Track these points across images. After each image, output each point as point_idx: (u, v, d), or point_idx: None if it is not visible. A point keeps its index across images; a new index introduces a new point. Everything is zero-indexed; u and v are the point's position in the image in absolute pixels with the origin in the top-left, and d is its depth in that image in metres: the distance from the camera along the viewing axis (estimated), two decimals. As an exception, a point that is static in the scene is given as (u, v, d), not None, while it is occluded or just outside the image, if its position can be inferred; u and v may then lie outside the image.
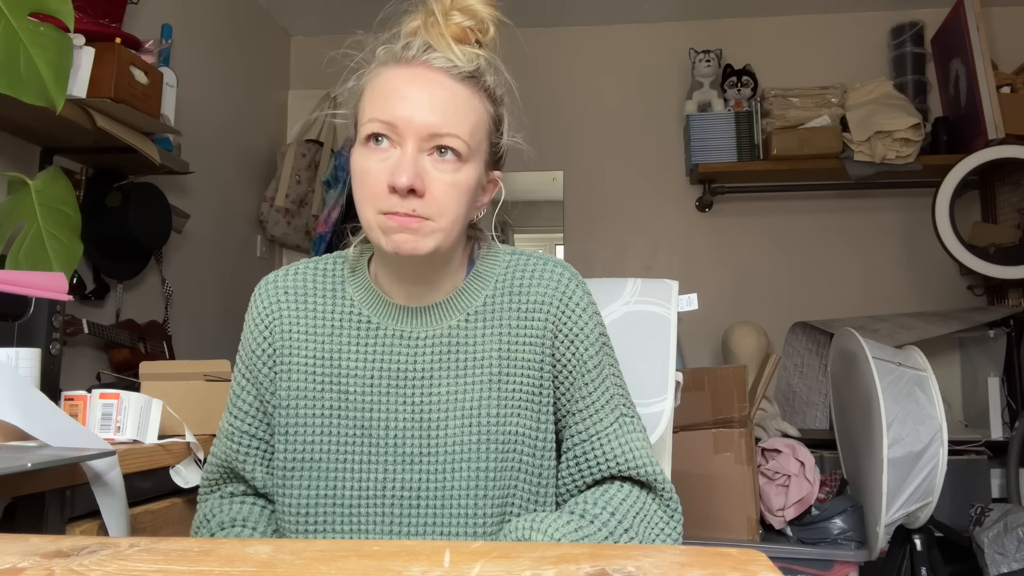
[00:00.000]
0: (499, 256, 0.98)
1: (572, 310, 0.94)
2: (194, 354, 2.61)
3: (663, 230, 3.36)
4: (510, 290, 0.94)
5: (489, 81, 0.91)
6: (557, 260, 0.98)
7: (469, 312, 0.94)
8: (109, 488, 1.07)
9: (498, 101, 0.92)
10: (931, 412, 1.96)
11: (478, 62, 0.89)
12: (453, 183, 0.86)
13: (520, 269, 0.96)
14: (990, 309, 2.91)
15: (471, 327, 0.93)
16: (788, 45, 3.35)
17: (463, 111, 0.87)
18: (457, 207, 0.87)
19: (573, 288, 0.95)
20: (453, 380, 0.92)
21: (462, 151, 0.86)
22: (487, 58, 0.90)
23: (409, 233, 0.85)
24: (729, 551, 0.54)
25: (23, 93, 1.50)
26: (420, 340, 0.93)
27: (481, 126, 0.89)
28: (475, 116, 0.88)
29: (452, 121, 0.85)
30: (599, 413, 0.94)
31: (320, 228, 3.17)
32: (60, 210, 1.74)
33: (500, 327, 0.93)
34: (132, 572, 0.50)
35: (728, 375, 2.08)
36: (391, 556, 0.53)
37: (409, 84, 0.86)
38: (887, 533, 1.98)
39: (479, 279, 0.96)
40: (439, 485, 0.89)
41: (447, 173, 0.85)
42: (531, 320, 0.93)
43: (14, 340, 1.33)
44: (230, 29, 3.01)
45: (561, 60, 3.44)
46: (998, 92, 2.83)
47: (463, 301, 0.94)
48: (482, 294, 0.95)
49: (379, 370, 0.93)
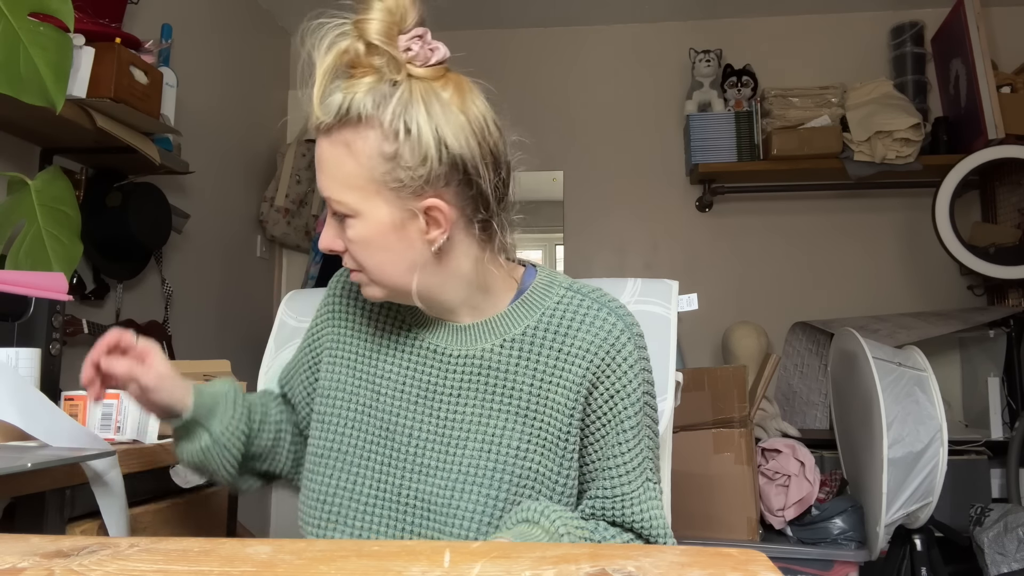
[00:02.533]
0: (553, 288, 0.95)
1: (618, 365, 0.89)
2: (194, 354, 2.61)
3: (663, 230, 3.35)
4: (556, 327, 0.91)
5: (360, 112, 0.82)
6: (614, 306, 0.93)
7: (506, 338, 0.92)
8: (109, 488, 1.07)
9: (383, 123, 0.82)
10: (931, 412, 1.96)
11: (343, 101, 0.82)
12: (353, 240, 0.87)
13: (573, 309, 0.92)
14: (990, 309, 2.91)
15: (506, 354, 0.92)
16: (788, 45, 3.35)
17: (333, 169, 0.86)
18: (370, 256, 0.88)
19: (624, 342, 0.90)
20: (480, 403, 0.91)
21: (345, 210, 0.86)
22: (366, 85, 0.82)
23: (362, 286, 0.92)
24: (729, 551, 0.54)
25: (23, 93, 1.50)
26: (453, 358, 0.93)
27: (354, 173, 0.83)
28: (344, 168, 0.84)
29: (324, 185, 0.87)
30: (628, 476, 0.90)
31: (320, 228, 3.17)
32: (60, 210, 1.74)
33: (538, 362, 0.91)
34: (132, 572, 0.50)
35: (728, 375, 2.08)
36: (391, 556, 0.53)
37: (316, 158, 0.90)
38: (887, 533, 1.98)
39: (524, 307, 0.94)
40: (450, 502, 0.89)
41: (348, 231, 0.87)
42: (571, 364, 0.89)
43: (14, 340, 1.33)
44: (230, 29, 3.01)
45: (561, 60, 3.44)
46: (998, 92, 2.83)
47: (502, 326, 0.93)
48: (523, 323, 0.93)
49: (411, 379, 0.95)
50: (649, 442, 0.93)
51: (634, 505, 0.90)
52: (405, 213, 0.85)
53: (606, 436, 0.90)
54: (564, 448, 0.90)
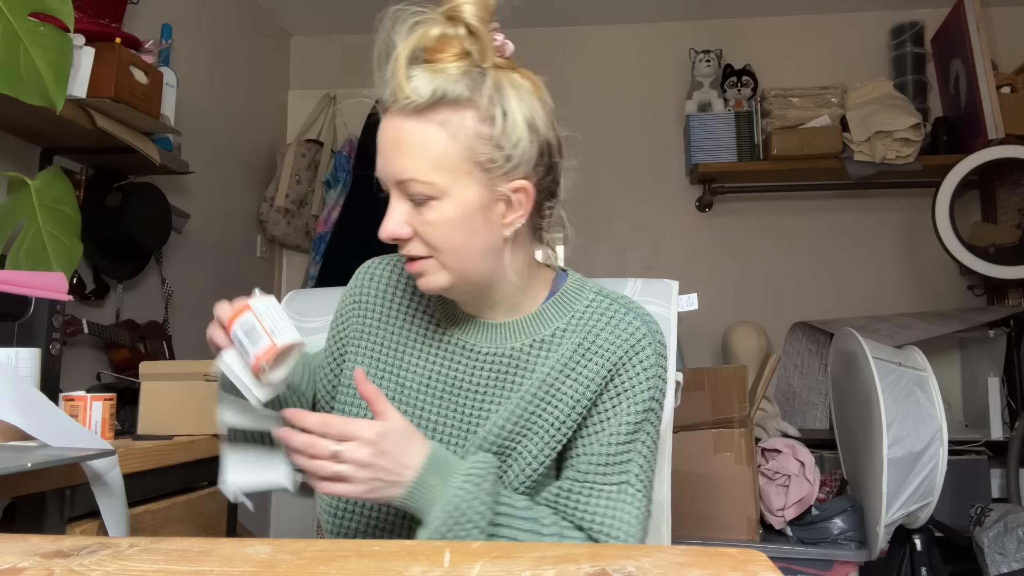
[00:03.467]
0: (584, 292, 0.96)
1: (634, 366, 0.90)
2: (194, 354, 2.60)
3: (663, 230, 3.35)
4: (584, 329, 0.92)
5: (457, 95, 0.84)
6: (641, 312, 0.94)
7: (536, 338, 0.93)
8: (109, 488, 1.07)
9: (479, 106, 0.84)
10: (931, 412, 1.96)
11: (434, 85, 0.83)
12: (432, 222, 0.86)
13: (601, 312, 0.93)
14: (990, 309, 2.91)
15: (534, 354, 0.93)
16: (788, 45, 3.35)
17: (420, 150, 0.84)
18: (450, 239, 0.86)
19: (644, 345, 0.91)
20: (503, 401, 0.92)
21: (429, 191, 0.85)
22: (453, 75, 0.84)
23: (419, 276, 0.89)
24: (729, 551, 0.54)
25: (23, 93, 1.50)
26: (482, 355, 0.94)
27: (450, 152, 0.84)
28: (437, 147, 0.84)
29: (408, 165, 0.85)
30: (607, 468, 0.89)
31: (320, 228, 3.17)
32: (60, 210, 1.74)
33: (560, 358, 0.91)
34: (132, 572, 0.50)
35: (728, 375, 2.08)
36: (391, 556, 0.53)
37: (382, 137, 0.88)
38: (887, 533, 1.98)
39: (555, 309, 0.95)
40: None
41: (428, 212, 0.86)
42: (591, 360, 0.90)
43: (14, 340, 1.33)
44: (230, 29, 3.01)
45: (561, 60, 3.44)
46: (998, 92, 2.83)
47: (533, 326, 0.94)
48: (553, 324, 0.94)
49: (437, 374, 0.95)
50: (644, 448, 0.91)
51: (600, 498, 0.88)
52: (492, 195, 0.87)
53: (602, 431, 0.90)
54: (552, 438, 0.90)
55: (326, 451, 0.80)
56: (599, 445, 0.89)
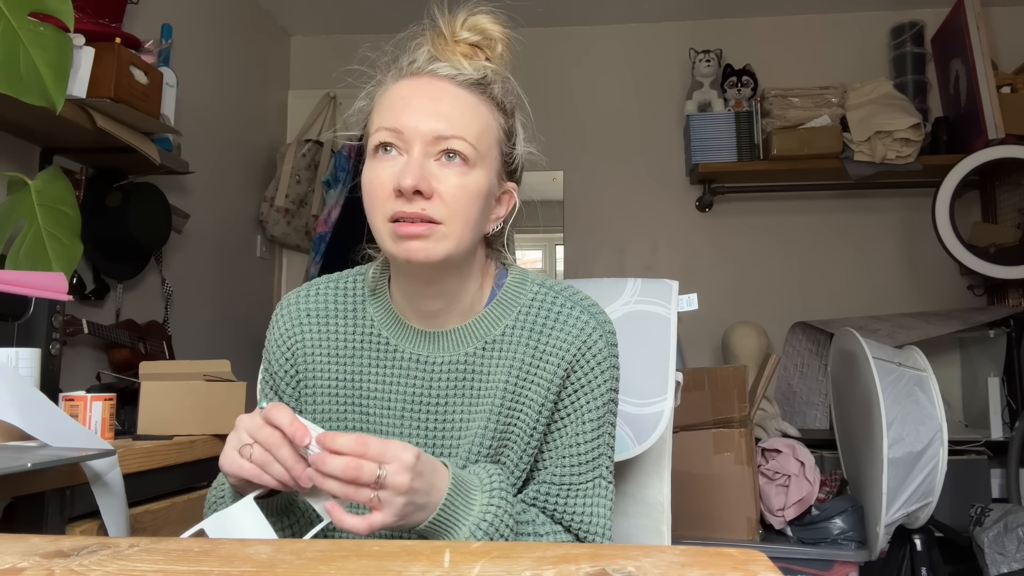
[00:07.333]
0: (526, 286, 0.95)
1: (588, 362, 0.91)
2: (194, 354, 2.61)
3: (663, 230, 3.36)
4: (532, 326, 0.92)
5: (497, 91, 0.90)
6: (586, 304, 0.94)
7: (487, 340, 0.92)
8: (109, 488, 1.07)
9: (508, 112, 0.92)
10: (931, 412, 1.96)
11: (485, 71, 0.89)
12: (461, 186, 0.84)
13: (547, 307, 0.93)
14: (990, 309, 2.91)
15: (487, 356, 0.92)
16: (788, 45, 3.35)
17: (468, 115, 0.86)
18: (467, 211, 0.85)
19: (596, 339, 0.91)
20: (466, 407, 0.92)
21: (469, 155, 0.85)
22: (494, 70, 0.91)
23: (420, 240, 0.83)
24: (729, 551, 0.54)
25: (23, 93, 1.50)
26: (436, 365, 0.93)
27: (489, 132, 0.88)
28: (482, 121, 0.88)
29: (457, 125, 0.85)
30: (580, 467, 0.91)
31: (320, 228, 3.17)
32: (60, 210, 1.74)
33: (514, 360, 0.91)
34: (132, 572, 0.50)
35: (728, 375, 2.08)
36: (391, 556, 0.53)
37: (414, 92, 0.87)
38: (887, 533, 1.98)
39: (501, 307, 0.94)
40: None
41: (455, 176, 0.84)
42: (546, 362, 0.91)
43: (14, 340, 1.33)
44: (230, 29, 3.01)
45: (561, 60, 3.44)
46: (998, 92, 2.83)
47: (482, 329, 0.93)
48: (502, 323, 0.93)
49: (396, 393, 0.93)
50: (609, 439, 0.94)
51: (578, 497, 0.91)
52: (495, 187, 0.91)
53: (567, 428, 0.91)
54: (528, 443, 0.91)
55: (372, 476, 0.72)
56: (568, 447, 0.91)
